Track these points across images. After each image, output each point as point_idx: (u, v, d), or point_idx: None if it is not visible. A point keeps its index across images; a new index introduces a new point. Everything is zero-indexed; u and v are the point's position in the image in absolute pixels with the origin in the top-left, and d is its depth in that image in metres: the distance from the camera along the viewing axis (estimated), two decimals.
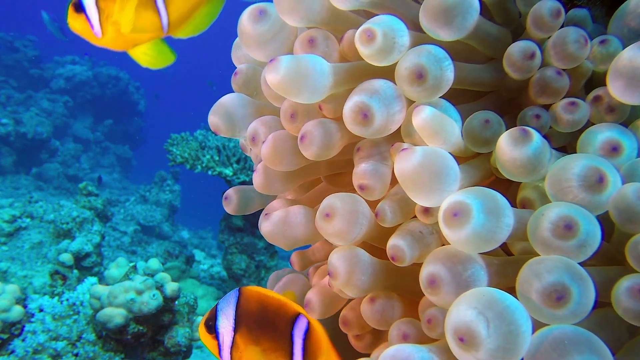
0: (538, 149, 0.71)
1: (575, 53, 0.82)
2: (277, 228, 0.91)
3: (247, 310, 0.91)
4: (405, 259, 0.77)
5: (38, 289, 3.50)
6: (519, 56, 0.83)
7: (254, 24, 0.86)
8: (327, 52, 0.85)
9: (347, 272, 0.79)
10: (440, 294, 0.70)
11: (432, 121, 0.74)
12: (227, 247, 5.03)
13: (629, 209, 0.68)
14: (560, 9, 0.84)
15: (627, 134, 0.76)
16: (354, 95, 0.78)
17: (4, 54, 10.82)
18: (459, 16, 0.77)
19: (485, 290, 0.64)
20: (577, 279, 0.63)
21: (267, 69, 0.77)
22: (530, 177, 0.73)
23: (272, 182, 0.96)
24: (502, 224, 0.67)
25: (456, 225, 0.66)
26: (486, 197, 0.68)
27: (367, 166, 0.82)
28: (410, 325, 0.82)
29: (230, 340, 0.95)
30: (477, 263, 0.71)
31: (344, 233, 0.78)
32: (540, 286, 0.63)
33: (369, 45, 0.75)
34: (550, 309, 0.62)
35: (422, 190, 0.71)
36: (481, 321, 0.60)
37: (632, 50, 0.73)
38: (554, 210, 0.67)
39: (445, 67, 0.76)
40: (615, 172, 0.69)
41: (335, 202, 0.79)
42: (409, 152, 0.70)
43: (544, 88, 0.85)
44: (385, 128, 0.79)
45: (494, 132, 0.80)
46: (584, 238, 0.65)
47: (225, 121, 0.99)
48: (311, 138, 0.83)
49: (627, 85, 0.73)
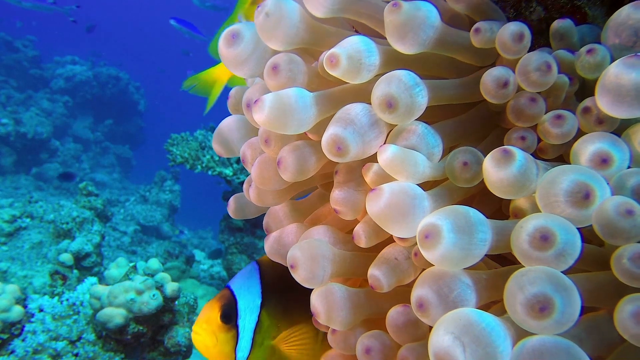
0: (522, 166, 0.72)
1: (539, 81, 0.83)
2: (273, 248, 1.00)
3: (271, 278, 0.95)
4: (383, 287, 0.82)
5: (38, 289, 3.50)
6: (492, 85, 0.84)
7: (227, 47, 0.90)
8: (290, 76, 0.88)
9: (325, 311, 0.85)
10: (430, 316, 0.73)
11: (394, 160, 0.78)
12: (227, 247, 5.03)
13: (610, 225, 0.68)
14: (522, 33, 0.84)
15: (618, 145, 0.76)
16: (331, 125, 0.81)
17: (4, 54, 10.81)
18: (410, 32, 0.80)
19: (463, 314, 0.65)
20: (560, 289, 0.63)
21: (253, 110, 0.83)
22: (521, 194, 0.75)
23: (265, 198, 1.03)
24: (475, 239, 0.69)
25: (429, 246, 0.69)
26: (457, 215, 0.70)
27: (341, 194, 0.88)
28: (372, 338, 0.86)
29: (254, 323, 0.91)
30: (462, 282, 0.72)
31: (310, 279, 0.85)
32: (523, 298, 0.64)
33: (334, 70, 0.81)
34: (535, 320, 0.63)
35: (393, 227, 0.76)
36: (458, 346, 0.63)
37: (617, 67, 0.74)
38: (531, 223, 0.68)
39: (415, 94, 0.78)
40: (605, 185, 0.70)
41: (296, 253, 0.85)
42: (377, 193, 0.75)
43: (519, 115, 0.86)
44: (362, 154, 0.83)
45: (474, 172, 0.82)
46: (562, 247, 0.66)
47: (225, 147, 1.10)
48: (286, 164, 0.88)
49: (613, 101, 0.74)
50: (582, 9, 1.00)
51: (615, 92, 0.73)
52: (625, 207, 0.68)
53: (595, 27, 0.97)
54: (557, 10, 1.01)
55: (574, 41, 0.94)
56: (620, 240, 0.69)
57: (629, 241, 0.68)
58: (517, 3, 1.02)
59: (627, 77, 0.72)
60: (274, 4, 0.86)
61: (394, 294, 0.87)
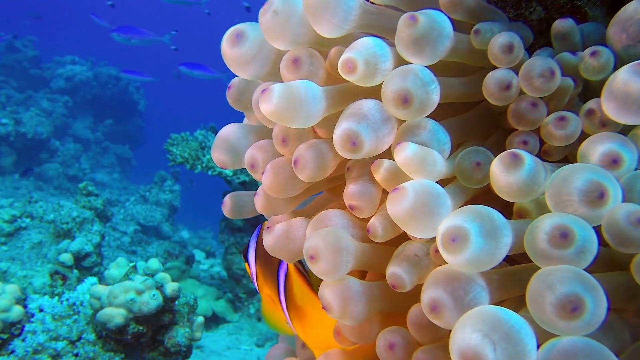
0: (531, 170, 0.71)
1: (542, 87, 0.82)
2: (279, 242, 0.93)
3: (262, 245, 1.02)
4: (405, 285, 0.78)
5: (38, 289, 3.50)
6: (495, 88, 0.83)
7: (232, 47, 0.87)
8: (312, 70, 0.85)
9: (340, 306, 0.81)
10: (444, 319, 0.70)
11: (413, 159, 0.75)
12: (227, 247, 5.03)
13: (621, 234, 0.67)
14: (511, 44, 0.83)
15: (628, 145, 0.76)
16: (343, 120, 0.79)
17: (4, 54, 10.82)
18: (428, 45, 0.78)
19: (488, 311, 0.63)
20: (589, 289, 0.62)
21: (260, 99, 0.79)
22: (529, 198, 0.74)
23: (274, 205, 0.96)
24: (500, 244, 0.67)
25: (455, 250, 0.66)
26: (484, 219, 0.68)
27: (356, 187, 0.83)
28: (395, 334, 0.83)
29: (254, 269, 1.14)
30: (478, 284, 0.71)
31: (330, 273, 0.80)
32: (554, 298, 0.62)
33: (351, 75, 0.77)
34: (565, 320, 0.61)
35: (416, 228, 0.73)
36: (487, 344, 0.60)
37: (627, 74, 0.73)
38: (547, 221, 0.67)
39: (431, 90, 0.77)
40: (617, 185, 0.69)
41: (318, 243, 0.79)
42: (400, 194, 0.71)
43: (519, 119, 0.85)
44: (375, 151, 0.80)
45: (485, 173, 0.80)
46: (582, 244, 0.65)
47: (231, 156, 0.99)
48: (304, 162, 0.84)
49: (619, 107, 0.73)
50: (582, 9, 0.99)
51: (622, 99, 0.73)
52: (636, 216, 0.66)
53: (600, 25, 0.96)
54: (557, 10, 1.00)
55: (576, 41, 0.93)
56: (632, 248, 0.68)
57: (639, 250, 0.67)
58: (517, 3, 1.02)
59: (635, 85, 0.71)
60: (282, 1, 0.83)
61: (409, 292, 0.83)
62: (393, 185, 0.79)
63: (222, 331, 4.96)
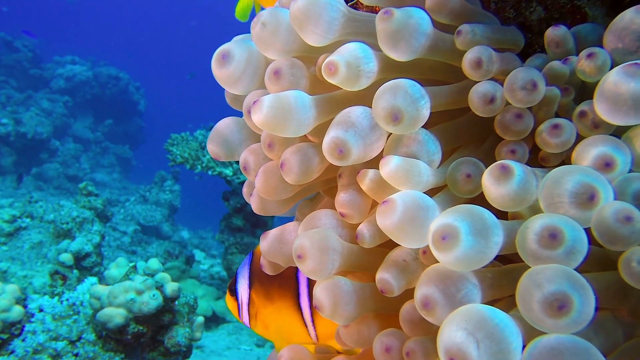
0: (522, 181, 0.72)
1: (525, 99, 0.83)
2: (273, 246, 0.97)
3: (258, 267, 1.04)
4: (393, 290, 0.80)
5: (38, 289, 3.50)
6: (479, 102, 0.84)
7: (220, 68, 0.90)
8: (293, 81, 0.88)
9: (331, 304, 0.83)
10: (436, 315, 0.72)
11: (397, 172, 0.77)
12: (227, 247, 5.03)
13: (609, 232, 0.68)
14: (479, 59, 0.84)
15: (621, 148, 0.76)
16: (332, 128, 0.81)
17: (4, 54, 10.82)
18: (403, 40, 0.80)
19: (475, 309, 0.65)
20: (578, 288, 0.63)
21: (252, 110, 0.81)
22: (521, 207, 0.74)
23: (268, 206, 1.01)
24: (490, 243, 0.68)
25: (445, 248, 0.68)
26: (474, 218, 0.69)
27: (346, 196, 0.86)
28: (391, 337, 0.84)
29: (247, 297, 1.15)
30: (470, 282, 0.72)
31: (317, 272, 0.83)
32: (541, 296, 0.63)
33: (333, 77, 0.79)
34: (552, 318, 0.62)
35: (405, 240, 0.75)
36: (471, 342, 0.62)
37: (617, 75, 0.73)
38: (537, 222, 0.68)
39: (421, 106, 0.78)
40: (609, 188, 0.70)
41: (304, 243, 0.83)
42: (389, 207, 0.73)
43: (505, 130, 0.86)
44: (364, 157, 0.82)
45: (476, 184, 0.81)
46: (571, 245, 0.66)
47: (224, 149, 1.03)
48: (290, 166, 0.87)
49: (610, 108, 0.74)
50: (582, 9, 0.99)
51: (613, 100, 0.73)
52: (624, 214, 0.67)
53: (597, 25, 0.96)
54: (557, 10, 1.01)
55: (570, 47, 0.93)
56: (620, 246, 0.68)
57: (628, 247, 0.68)
58: (517, 3, 1.02)
59: (626, 86, 0.72)
60: (269, 13, 0.86)
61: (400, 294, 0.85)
62: (379, 194, 0.81)
63: (222, 331, 4.96)
